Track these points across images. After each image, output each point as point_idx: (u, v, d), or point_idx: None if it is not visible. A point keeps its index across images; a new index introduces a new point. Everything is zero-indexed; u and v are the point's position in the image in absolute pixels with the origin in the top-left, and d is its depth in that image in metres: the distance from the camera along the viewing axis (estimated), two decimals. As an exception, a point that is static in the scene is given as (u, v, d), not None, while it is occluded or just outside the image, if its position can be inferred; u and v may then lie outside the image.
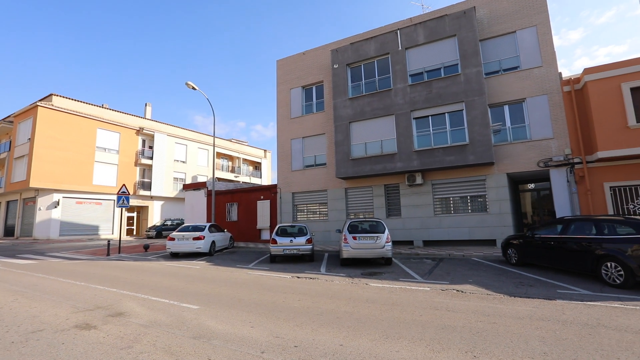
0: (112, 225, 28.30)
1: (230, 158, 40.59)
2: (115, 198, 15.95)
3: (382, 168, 14.71)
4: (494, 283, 7.53)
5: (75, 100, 26.89)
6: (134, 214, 31.49)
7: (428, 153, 13.91)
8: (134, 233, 31.32)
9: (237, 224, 20.47)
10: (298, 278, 8.84)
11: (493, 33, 14.20)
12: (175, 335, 4.53)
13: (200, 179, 34.83)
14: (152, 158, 31.06)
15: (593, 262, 7.36)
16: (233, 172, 40.00)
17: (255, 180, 42.03)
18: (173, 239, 13.82)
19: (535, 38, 13.43)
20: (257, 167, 44.61)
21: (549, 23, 13.30)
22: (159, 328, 4.85)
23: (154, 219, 31.22)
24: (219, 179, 35.95)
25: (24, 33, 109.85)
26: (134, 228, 31.41)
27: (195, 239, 13.70)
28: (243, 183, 34.64)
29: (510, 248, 9.93)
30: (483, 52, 14.18)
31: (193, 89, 17.13)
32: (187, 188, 23.36)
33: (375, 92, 15.46)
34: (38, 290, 7.54)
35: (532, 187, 17.71)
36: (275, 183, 19.26)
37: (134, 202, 29.67)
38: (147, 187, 30.79)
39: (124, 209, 27.44)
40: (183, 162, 34.17)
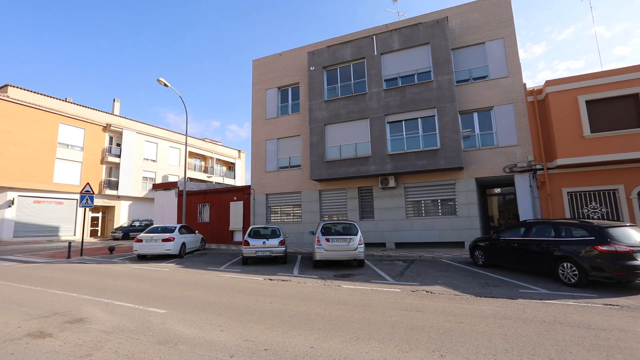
0: (74, 226, 26.79)
1: (203, 158, 39.65)
2: (79, 197, 15.12)
3: (356, 171, 14.87)
4: (462, 284, 7.78)
5: (35, 93, 25.28)
6: (99, 215, 30.00)
7: (401, 157, 14.21)
8: (99, 234, 29.83)
9: (209, 226, 19.99)
10: (270, 280, 8.75)
11: (464, 43, 14.76)
12: (140, 341, 4.34)
13: (171, 179, 33.75)
14: (119, 156, 29.73)
15: (551, 262, 7.79)
16: (206, 172, 39.08)
17: (229, 181, 41.27)
18: (141, 241, 13.29)
19: (503, 50, 14.09)
20: (230, 167, 43.83)
21: (515, 36, 14.00)
22: (122, 334, 4.63)
23: (121, 220, 29.88)
24: (191, 179, 35.01)
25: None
26: (99, 229, 29.92)
27: (165, 241, 13.24)
28: (216, 183, 33.90)
29: (478, 250, 10.31)
30: (454, 60, 14.70)
31: (165, 86, 16.60)
32: (157, 188, 22.57)
33: (351, 95, 15.64)
34: (-13, 296, 7.00)
35: (498, 191, 18.50)
36: (249, 184, 19.00)
37: (99, 201, 28.27)
38: (114, 186, 29.45)
39: (88, 209, 26.07)
40: (153, 161, 32.97)
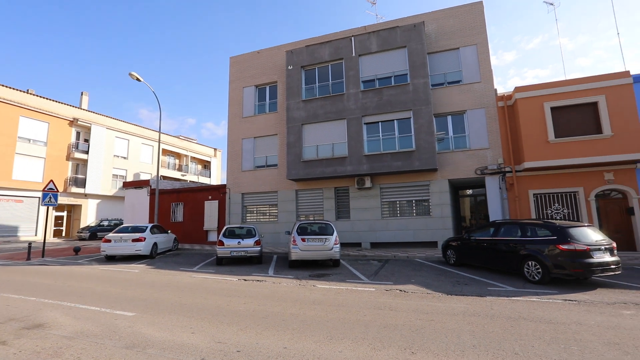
0: (35, 226, 25.29)
1: (178, 156, 38.58)
2: (41, 195, 14.25)
3: (332, 171, 14.94)
4: (434, 282, 7.97)
5: (-8, 83, 23.67)
6: (64, 214, 28.51)
7: (377, 158, 14.40)
8: (64, 235, 28.35)
9: (182, 225, 19.47)
10: (245, 281, 8.63)
11: (439, 48, 15.15)
12: (105, 346, 4.15)
13: (144, 177, 32.60)
14: (87, 152, 28.37)
15: (518, 261, 8.14)
16: (180, 170, 38.05)
17: (204, 180, 40.37)
18: (109, 241, 12.74)
19: (476, 56, 14.57)
20: (206, 166, 42.90)
21: (487, 43, 14.52)
22: (86, 339, 4.41)
23: (88, 219, 28.53)
24: (164, 178, 33.98)
25: None
26: (64, 229, 28.43)
27: (135, 241, 12.76)
28: (190, 182, 33.06)
29: (450, 249, 10.61)
30: (430, 64, 15.06)
31: (137, 81, 16.00)
32: (127, 186, 21.72)
33: (329, 95, 15.68)
34: None
35: (470, 192, 19.12)
36: (225, 183, 18.67)
37: (65, 200, 26.86)
38: (80, 183, 28.07)
39: (51, 208, 24.73)
40: (124, 158, 31.71)
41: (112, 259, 13.00)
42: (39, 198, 24.69)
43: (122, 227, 13.92)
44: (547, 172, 12.97)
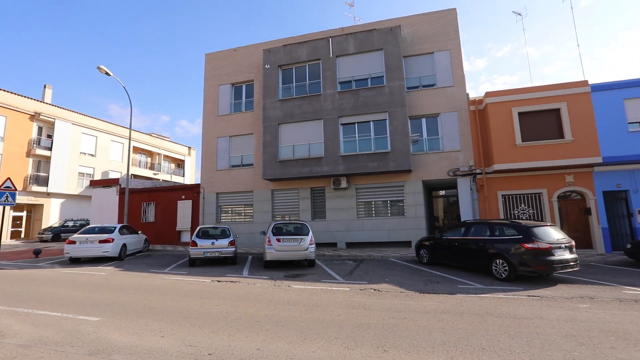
0: (-9, 227, 23.66)
1: (150, 154, 37.27)
2: (-2, 194, 13.28)
3: (309, 171, 14.93)
4: (407, 281, 8.13)
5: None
6: (23, 214, 26.82)
7: (353, 158, 14.53)
8: (23, 236, 26.68)
9: (154, 226, 18.83)
10: (219, 282, 8.46)
11: (415, 52, 15.49)
12: (66, 354, 3.94)
13: (113, 175, 31.26)
14: (51, 149, 26.85)
15: (486, 259, 8.45)
16: (152, 169, 36.78)
17: (178, 179, 39.23)
18: (74, 242, 12.12)
19: (449, 61, 15.01)
20: (180, 164, 41.71)
21: (460, 49, 15.00)
22: (45, 347, 4.16)
23: (51, 220, 26.99)
24: (135, 176, 32.73)
25: None
26: (23, 230, 26.75)
27: (102, 242, 12.20)
28: (163, 181, 32.03)
29: (423, 249, 10.87)
30: (406, 67, 15.35)
31: (107, 75, 15.33)
32: (95, 185, 20.76)
33: (306, 95, 15.66)
34: None
35: (443, 193, 19.67)
36: (199, 182, 18.24)
37: (24, 199, 25.28)
38: (43, 182, 26.52)
39: (8, 208, 23.22)
40: (92, 155, 30.27)
41: (76, 262, 12.38)
42: (-4, 197, 23.10)
43: (88, 227, 13.28)
44: (514, 174, 13.54)
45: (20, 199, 23.95)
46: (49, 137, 27.42)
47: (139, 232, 15.35)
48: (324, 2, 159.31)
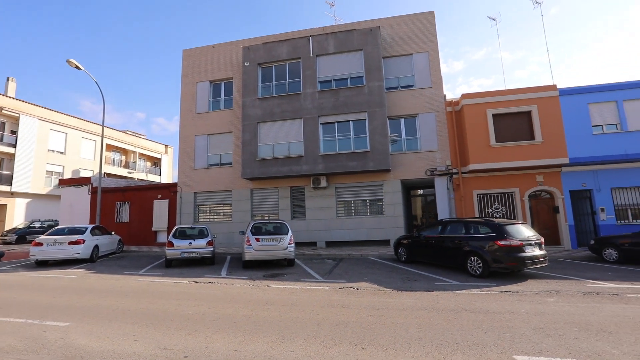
0: (-51, 228, 22.20)
1: (124, 152, 36.01)
2: (-43, 193, 12.50)
3: (288, 170, 14.87)
4: (386, 279, 8.24)
5: None
6: (-14, 214, 25.34)
7: (333, 158, 14.59)
8: (-15, 238, 25.16)
9: (128, 226, 18.23)
10: (196, 283, 8.30)
11: (394, 53, 15.71)
12: (30, 361, 3.75)
13: (84, 174, 29.97)
14: (15, 145, 25.46)
15: (462, 257, 8.69)
16: (127, 167, 35.56)
17: (154, 178, 38.12)
18: (40, 244, 11.54)
19: (427, 62, 15.32)
20: (156, 163, 40.54)
21: (438, 51, 15.34)
22: (7, 356, 3.94)
23: (16, 221, 25.58)
24: (109, 175, 31.56)
25: None
26: (-15, 231, 25.24)
27: (72, 244, 11.69)
28: (138, 180, 31.06)
29: (401, 247, 11.05)
30: (385, 68, 15.55)
31: (77, 69, 14.69)
32: (64, 184, 19.86)
33: (285, 94, 15.59)
34: None
35: (421, 192, 20.06)
36: (176, 181, 17.80)
37: (-14, 199, 23.89)
38: (6, 180, 25.10)
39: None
40: (61, 153, 28.91)
41: (43, 265, 11.80)
42: (-45, 196, 21.70)
43: (57, 228, 12.69)
44: (489, 174, 13.99)
45: (-18, 199, 22.59)
46: (13, 133, 25.99)
47: (113, 232, 14.83)
48: (304, 1, 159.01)
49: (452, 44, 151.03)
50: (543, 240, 8.51)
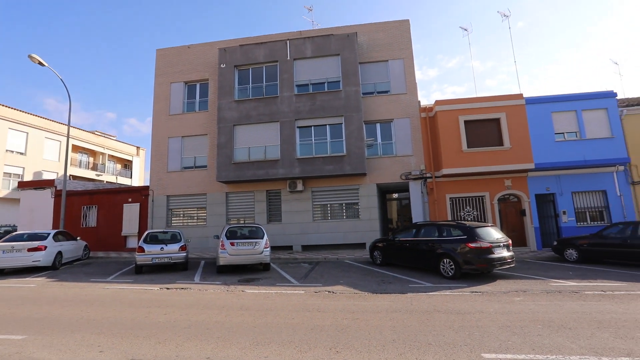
0: None
1: (93, 153, 34.44)
2: None
3: (264, 173, 14.75)
4: (361, 282, 8.31)
5: None
6: None
7: (309, 161, 14.61)
8: None
9: (96, 231, 17.41)
10: (167, 289, 8.04)
11: (370, 58, 15.98)
12: (-18, 376, 3.49)
13: (48, 176, 28.40)
14: (-30, 146, 23.81)
15: (435, 259, 8.90)
16: (95, 169, 34.02)
17: (125, 181, 36.66)
18: (-4, 251, 10.80)
19: (402, 69, 15.69)
20: (127, 165, 39.04)
21: (413, 59, 15.76)
22: (-45, 370, 3.66)
23: (-30, 226, 23.86)
24: (75, 177, 30.06)
25: None
26: None
27: (32, 250, 11.01)
28: (107, 183, 29.80)
29: (376, 250, 11.17)
30: (361, 73, 15.77)
31: (40, 65, 13.96)
32: (24, 186, 18.72)
33: (262, 97, 15.49)
34: None
35: (396, 196, 20.43)
36: (148, 184, 17.22)
37: (-63, 202, 22.14)
38: (-40, 183, 23.42)
39: None
40: (21, 153, 27.26)
41: None
42: None
43: (15, 234, 11.93)
44: (461, 178, 14.46)
45: None
46: (-32, 132, 24.28)
47: (78, 238, 14.10)
48: (281, 5, 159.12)
49: (427, 52, 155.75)
50: (511, 242, 8.87)
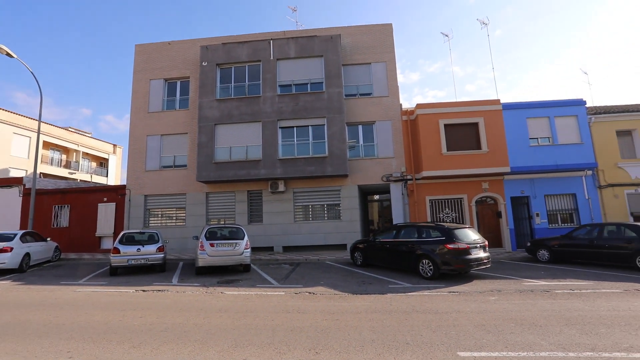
0: None
1: (66, 150, 33.09)
2: None
3: (246, 174, 14.60)
4: (342, 283, 8.35)
5: None
6: None
7: (291, 162, 14.56)
8: None
9: (68, 231, 16.73)
10: (144, 292, 7.82)
11: (353, 61, 16.10)
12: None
13: (16, 174, 27.07)
14: None
15: (414, 260, 9.05)
16: (68, 167, 32.70)
17: (100, 179, 35.41)
18: (-45, 254, 10.20)
19: (385, 72, 15.89)
20: (103, 164, 37.74)
21: (395, 62, 15.98)
22: None
23: None
24: (46, 175, 28.79)
25: None
26: None
27: (-4, 252, 10.46)
28: (81, 182, 28.71)
29: (357, 251, 11.25)
30: (344, 75, 15.85)
31: (8, 56, 13.31)
32: (-10, 184, 17.79)
33: (245, 97, 15.33)
34: None
35: (377, 198, 20.68)
36: (125, 184, 16.71)
37: None
38: None
39: None
40: (-13, 150, 25.91)
41: (-39, 276, 10.45)
42: None
43: (-21, 235, 11.31)
44: (440, 180, 14.76)
45: None
46: None
47: (48, 239, 13.50)
48: (265, 4, 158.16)
49: (409, 57, 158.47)
50: (487, 243, 9.14)
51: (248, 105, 15.20)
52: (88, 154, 35.67)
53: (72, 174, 32.33)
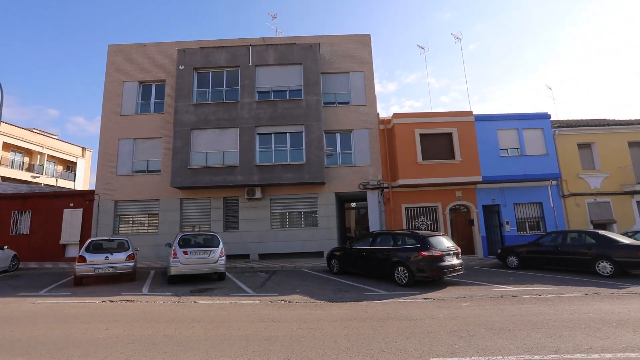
0: None
1: (29, 152, 31.33)
2: None
3: (222, 180, 14.35)
4: (318, 291, 8.30)
5: None
6: None
7: (268, 169, 14.46)
8: None
9: (29, 239, 15.75)
10: (111, 302, 7.45)
11: (332, 69, 16.30)
12: None
13: (-28, 177, 25.36)
14: None
15: (390, 267, 9.15)
16: (31, 170, 30.96)
17: (67, 184, 33.71)
18: None
19: (363, 82, 16.17)
20: (70, 167, 36.01)
21: (373, 72, 16.31)
22: None
23: None
24: (5, 179, 27.12)
25: None
26: None
27: (-52, 261, 9.71)
28: (46, 186, 27.25)
29: (334, 259, 11.25)
30: (323, 83, 16.00)
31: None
32: (-57, 188, 16.55)
33: (222, 102, 15.14)
34: None
35: (354, 205, 20.83)
36: (94, 188, 15.98)
37: None
38: None
39: None
40: (-60, 151, 24.15)
41: None
42: None
43: None
44: (416, 189, 15.08)
45: None
46: None
47: (6, 247, 12.67)
48: (244, 10, 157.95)
49: (387, 67, 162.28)
50: (460, 250, 9.37)
51: (225, 111, 15.02)
52: (54, 157, 33.93)
53: (35, 178, 30.62)
